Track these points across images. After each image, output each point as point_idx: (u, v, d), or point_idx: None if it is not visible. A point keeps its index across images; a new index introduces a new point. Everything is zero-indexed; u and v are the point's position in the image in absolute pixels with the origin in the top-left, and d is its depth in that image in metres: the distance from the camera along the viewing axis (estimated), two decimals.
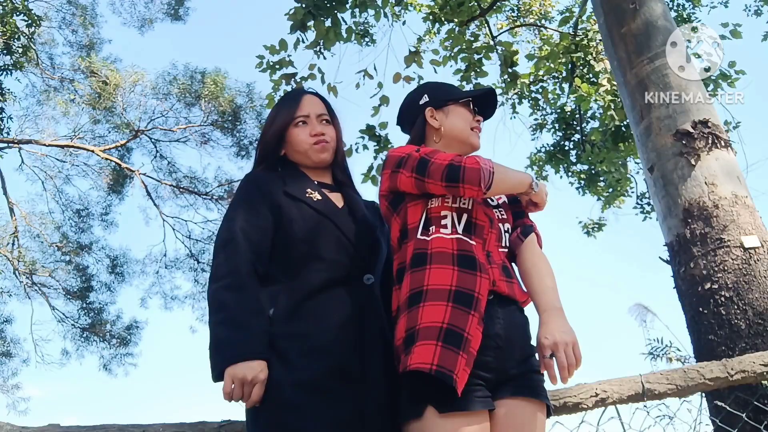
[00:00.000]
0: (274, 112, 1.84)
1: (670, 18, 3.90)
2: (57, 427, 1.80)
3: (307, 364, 1.43)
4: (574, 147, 8.48)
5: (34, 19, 9.50)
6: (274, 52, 5.85)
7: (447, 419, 1.38)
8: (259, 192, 1.64)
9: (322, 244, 1.58)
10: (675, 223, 3.32)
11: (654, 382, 2.08)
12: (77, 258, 12.65)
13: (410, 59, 6.42)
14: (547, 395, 1.56)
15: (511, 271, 1.64)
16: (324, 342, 1.46)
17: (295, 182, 1.70)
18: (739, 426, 2.38)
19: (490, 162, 1.57)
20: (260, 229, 1.58)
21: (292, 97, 1.86)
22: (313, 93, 1.87)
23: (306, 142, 1.75)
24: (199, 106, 12.78)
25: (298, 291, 1.52)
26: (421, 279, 1.52)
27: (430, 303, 1.47)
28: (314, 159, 1.76)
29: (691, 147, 3.35)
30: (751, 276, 2.96)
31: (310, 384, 1.41)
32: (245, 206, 1.62)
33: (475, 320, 1.45)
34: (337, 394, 1.42)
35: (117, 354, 12.72)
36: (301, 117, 1.78)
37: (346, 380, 1.43)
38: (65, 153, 12.56)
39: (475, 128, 1.78)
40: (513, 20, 9.46)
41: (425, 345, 1.42)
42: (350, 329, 1.49)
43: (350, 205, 1.72)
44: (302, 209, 1.62)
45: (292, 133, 1.77)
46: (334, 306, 1.51)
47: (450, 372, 1.38)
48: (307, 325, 1.48)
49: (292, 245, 1.58)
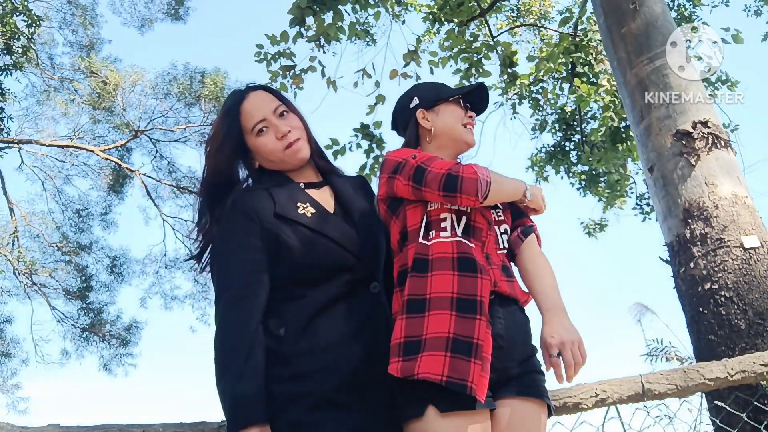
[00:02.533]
0: (215, 131, 1.62)
1: (670, 18, 3.90)
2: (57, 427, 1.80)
3: (321, 380, 1.41)
4: (574, 147, 8.48)
5: (34, 19, 9.51)
6: (274, 42, 5.81)
7: (448, 419, 1.38)
8: (249, 221, 1.51)
9: (325, 266, 1.52)
10: (675, 223, 3.32)
11: (654, 382, 2.08)
12: (77, 258, 12.66)
13: (409, 57, 6.43)
14: (548, 395, 1.55)
15: (511, 270, 1.65)
16: (335, 357, 1.44)
17: (283, 196, 1.56)
18: (739, 426, 2.38)
19: (487, 171, 1.57)
20: (258, 263, 1.49)
21: (231, 107, 1.62)
22: (256, 87, 1.67)
23: (277, 150, 1.59)
24: (199, 106, 12.79)
25: (307, 308, 1.48)
26: (423, 286, 1.51)
27: (435, 312, 1.46)
28: (293, 163, 1.62)
29: (691, 147, 3.35)
30: (751, 276, 2.96)
31: (325, 400, 1.40)
32: (239, 238, 1.50)
33: (483, 324, 1.44)
34: (351, 405, 1.41)
35: (117, 354, 12.75)
36: (259, 123, 1.59)
37: (358, 391, 1.42)
38: (65, 153, 12.57)
39: (467, 124, 1.78)
40: (513, 20, 9.46)
41: (434, 356, 1.40)
42: (360, 339, 1.47)
43: (342, 203, 1.64)
44: (298, 231, 1.51)
45: (257, 144, 1.60)
46: (342, 320, 1.48)
47: (462, 381, 1.37)
48: (317, 342, 1.45)
49: (295, 272, 1.51)
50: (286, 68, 5.93)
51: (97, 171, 12.78)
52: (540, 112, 8.71)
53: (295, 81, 5.93)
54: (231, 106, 1.63)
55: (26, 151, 12.15)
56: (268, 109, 1.61)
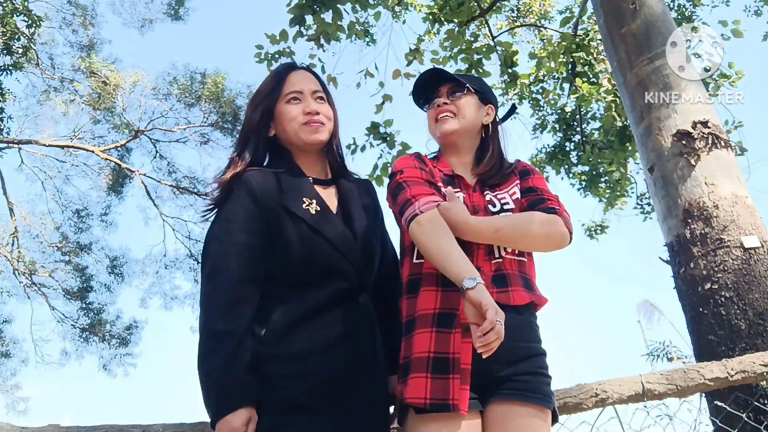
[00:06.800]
0: (261, 88, 1.68)
1: (670, 18, 3.90)
2: (57, 427, 1.80)
3: (293, 386, 1.41)
4: (574, 148, 8.48)
5: (34, 20, 9.50)
6: (274, 41, 5.82)
7: (425, 421, 1.43)
8: (253, 204, 1.51)
9: (319, 268, 1.51)
10: (675, 224, 3.32)
11: (654, 382, 2.07)
12: (77, 258, 12.65)
13: (411, 55, 6.43)
14: (546, 399, 1.49)
15: (510, 279, 1.55)
16: (311, 364, 1.44)
17: (291, 187, 1.56)
18: (739, 426, 2.37)
19: (430, 218, 1.49)
20: (259, 251, 1.49)
21: (281, 72, 1.68)
22: (306, 68, 1.72)
23: (297, 120, 1.60)
24: (199, 106, 12.79)
25: (292, 312, 1.48)
26: (414, 305, 1.54)
27: (419, 331, 1.50)
28: (305, 139, 1.61)
29: (691, 147, 3.35)
30: (751, 276, 2.96)
31: (294, 406, 1.40)
32: (240, 221, 1.50)
33: (458, 336, 1.46)
34: (322, 412, 1.41)
35: (117, 354, 12.74)
36: (294, 93, 1.62)
37: (332, 398, 1.42)
38: (65, 153, 12.57)
39: (436, 116, 1.70)
40: (513, 20, 9.46)
41: (417, 378, 1.46)
42: (341, 349, 1.47)
43: (345, 205, 1.63)
44: (299, 227, 1.51)
45: (283, 110, 1.62)
46: (326, 328, 1.48)
47: (444, 401, 1.41)
48: (296, 348, 1.45)
49: (289, 268, 1.51)
50: None
51: (97, 171, 12.79)
52: (540, 112, 8.72)
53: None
54: (281, 71, 1.69)
55: (26, 151, 12.17)
56: (309, 86, 1.65)
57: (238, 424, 1.35)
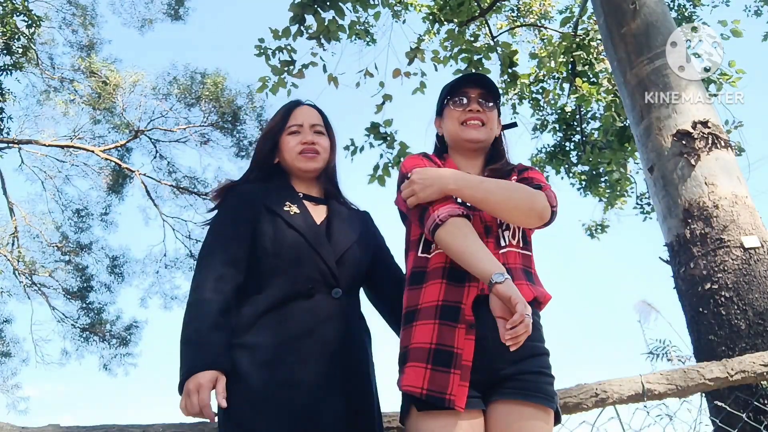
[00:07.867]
0: (271, 121, 1.92)
1: (670, 18, 3.90)
2: (57, 427, 1.80)
3: (257, 376, 1.46)
4: (574, 148, 8.47)
5: (34, 20, 9.50)
6: (276, 37, 5.80)
7: (429, 417, 1.43)
8: (241, 203, 1.71)
9: (289, 259, 1.61)
10: (675, 224, 3.32)
11: (654, 383, 2.07)
12: (77, 258, 12.65)
13: (412, 54, 6.42)
14: (548, 398, 1.48)
15: (512, 274, 1.53)
16: (276, 354, 1.49)
17: (277, 194, 1.74)
18: (739, 426, 2.37)
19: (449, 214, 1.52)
20: (241, 240, 1.64)
21: (288, 107, 1.92)
22: (311, 105, 1.93)
23: (295, 150, 1.81)
24: (199, 106, 12.79)
25: (261, 303, 1.56)
26: (417, 297, 1.56)
27: (421, 322, 1.52)
28: (299, 167, 1.80)
29: (691, 147, 3.35)
30: (751, 276, 2.96)
31: (258, 395, 1.44)
32: (230, 216, 1.70)
33: (462, 332, 1.47)
34: (286, 404, 1.44)
35: (117, 354, 12.74)
36: (295, 126, 1.84)
37: (297, 391, 1.46)
38: (65, 153, 12.57)
39: (466, 120, 1.73)
40: (513, 20, 9.46)
41: (415, 367, 1.47)
42: (309, 342, 1.52)
43: (331, 218, 1.75)
44: (276, 223, 1.66)
45: (284, 141, 1.84)
46: (293, 319, 1.54)
47: (441, 393, 1.42)
48: (261, 338, 1.51)
49: (262, 258, 1.62)
50: (285, 63, 5.93)
51: (97, 171, 12.79)
52: (540, 112, 8.71)
53: (296, 75, 5.93)
54: (289, 107, 1.91)
55: (26, 151, 12.17)
56: (309, 121, 1.86)
57: (206, 380, 1.41)
